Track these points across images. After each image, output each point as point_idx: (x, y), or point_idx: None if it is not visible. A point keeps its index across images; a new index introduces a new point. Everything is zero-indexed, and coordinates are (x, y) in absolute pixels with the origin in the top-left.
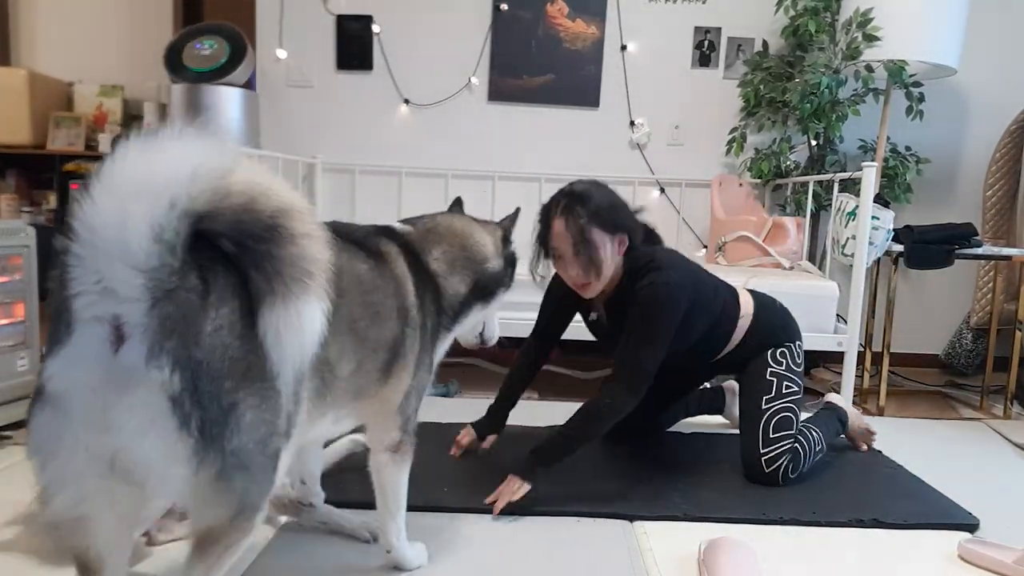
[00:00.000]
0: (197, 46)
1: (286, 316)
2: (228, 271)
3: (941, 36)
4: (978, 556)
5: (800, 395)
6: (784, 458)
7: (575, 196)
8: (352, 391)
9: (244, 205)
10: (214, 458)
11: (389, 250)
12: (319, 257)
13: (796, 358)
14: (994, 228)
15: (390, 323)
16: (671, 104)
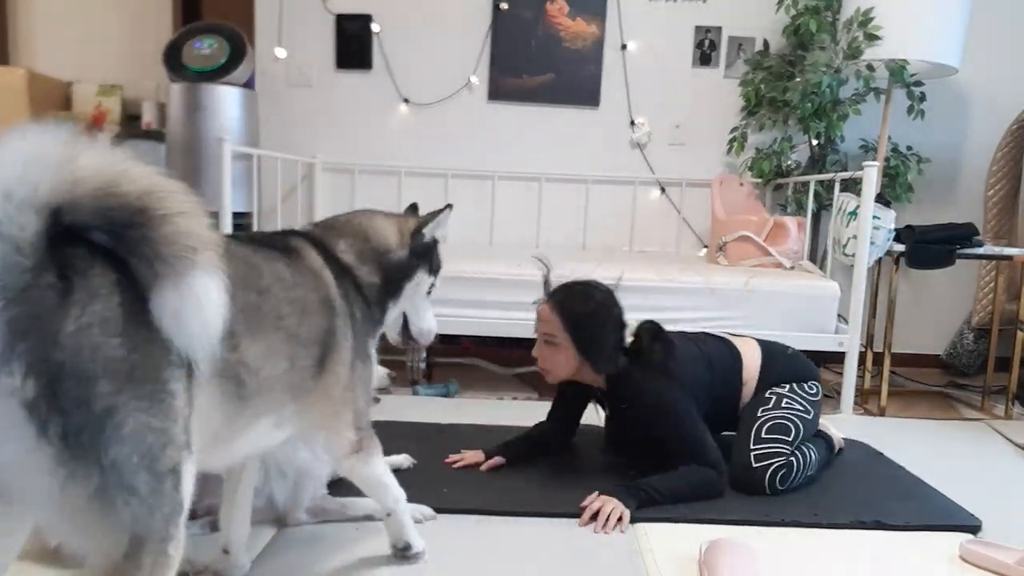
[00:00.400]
0: (196, 45)
1: (178, 295)
2: (106, 267)
3: (942, 35)
4: (980, 557)
5: (807, 417)
6: (775, 460)
7: (569, 294)
8: (288, 390)
9: (101, 191)
10: (88, 472)
11: (299, 245)
12: (201, 232)
13: (805, 388)
14: (995, 228)
15: (317, 316)
16: (672, 103)
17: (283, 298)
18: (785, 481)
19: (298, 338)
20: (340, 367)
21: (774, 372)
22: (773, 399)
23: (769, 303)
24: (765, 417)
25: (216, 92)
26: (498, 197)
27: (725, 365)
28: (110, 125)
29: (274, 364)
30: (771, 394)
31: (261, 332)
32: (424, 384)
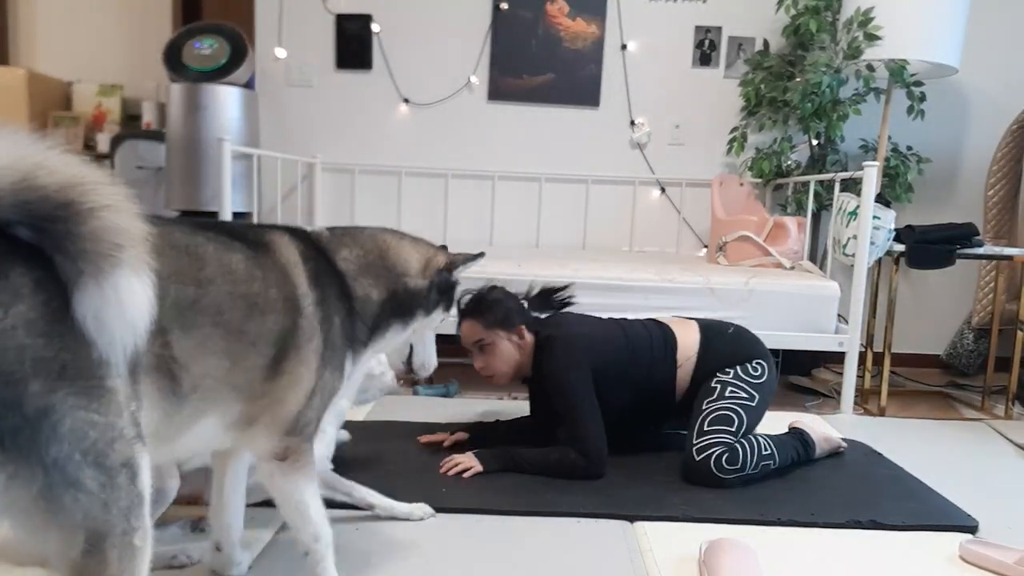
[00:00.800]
0: (196, 45)
1: (101, 295)
2: (27, 266)
3: (942, 35)
4: (979, 557)
5: (751, 403)
6: (716, 449)
7: (475, 301)
8: (232, 390)
9: (19, 184)
10: (30, 472)
11: (276, 240)
12: (128, 227)
13: (748, 372)
14: (995, 228)
15: (274, 314)
16: (671, 103)
17: (227, 292)
18: (733, 462)
19: (244, 335)
20: (300, 368)
21: (714, 354)
22: (717, 388)
23: (769, 303)
24: (708, 410)
25: (216, 92)
26: (498, 197)
27: (654, 349)
28: (110, 125)
29: (211, 361)
30: (716, 383)
31: (195, 327)
32: (424, 384)
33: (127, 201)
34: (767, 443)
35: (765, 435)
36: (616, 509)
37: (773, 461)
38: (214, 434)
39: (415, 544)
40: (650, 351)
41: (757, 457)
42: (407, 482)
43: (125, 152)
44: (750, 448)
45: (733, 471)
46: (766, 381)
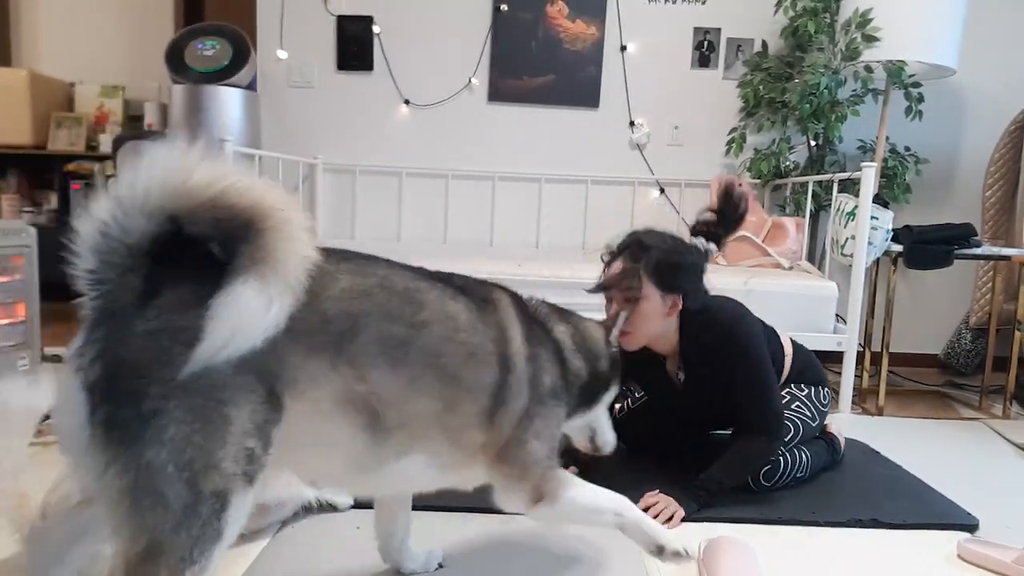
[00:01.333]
0: (199, 46)
1: (225, 300)
2: (201, 284)
3: (940, 36)
4: (978, 556)
5: (810, 423)
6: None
7: (642, 244)
8: (444, 432)
9: (212, 202)
10: (126, 465)
11: (498, 299)
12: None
13: (819, 395)
14: (993, 228)
15: (488, 368)
16: (671, 104)
17: (446, 337)
18: (771, 478)
19: (460, 381)
20: (507, 424)
21: (801, 367)
22: (787, 398)
23: (768, 303)
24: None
25: (218, 93)
26: (498, 198)
27: (772, 334)
28: (112, 126)
29: (421, 401)
30: (786, 393)
31: (404, 366)
32: None
33: (298, 228)
34: (807, 459)
35: (806, 448)
36: None
37: (805, 475)
38: (424, 472)
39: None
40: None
41: (792, 475)
42: None
43: (127, 153)
44: (792, 462)
45: (767, 486)
46: (825, 410)
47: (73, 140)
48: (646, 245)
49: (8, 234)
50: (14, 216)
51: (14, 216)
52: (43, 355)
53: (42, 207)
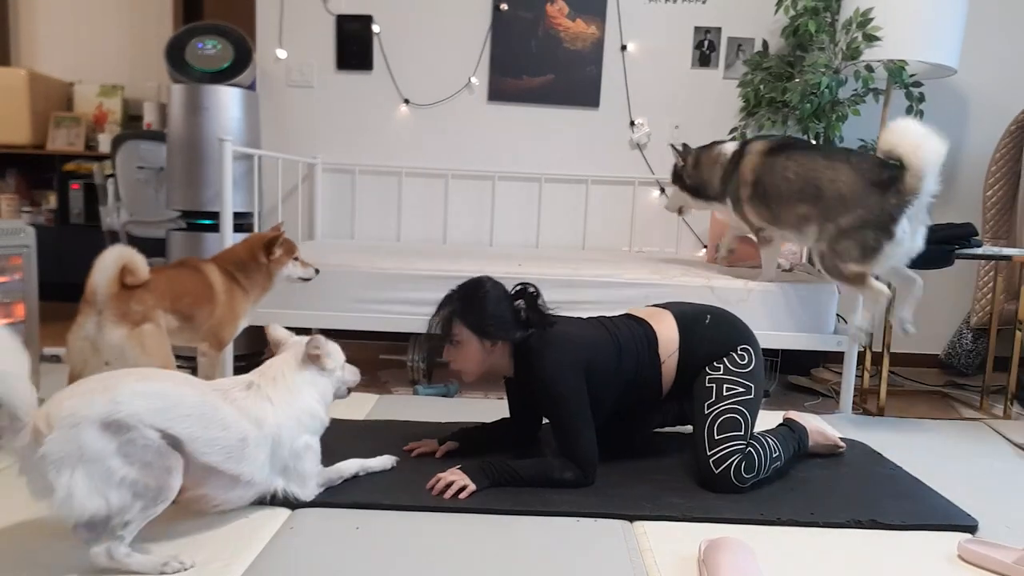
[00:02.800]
0: (200, 45)
1: None
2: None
3: (941, 36)
4: (978, 556)
5: (749, 396)
6: (734, 458)
7: (462, 295)
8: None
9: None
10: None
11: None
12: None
13: (736, 362)
14: (994, 228)
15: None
16: (671, 104)
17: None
18: (750, 470)
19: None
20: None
21: (697, 346)
22: (714, 388)
23: (768, 303)
24: (712, 414)
25: (217, 93)
26: (498, 197)
27: (639, 348)
28: (111, 125)
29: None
30: (710, 381)
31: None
32: (424, 384)
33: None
34: (774, 442)
35: (768, 433)
36: (616, 509)
37: (780, 460)
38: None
39: (415, 544)
40: (636, 353)
41: (768, 460)
42: (406, 482)
43: (126, 153)
44: (762, 450)
45: (751, 478)
46: (755, 367)
47: (72, 140)
48: (462, 298)
49: (7, 234)
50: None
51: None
52: (42, 355)
53: (41, 207)
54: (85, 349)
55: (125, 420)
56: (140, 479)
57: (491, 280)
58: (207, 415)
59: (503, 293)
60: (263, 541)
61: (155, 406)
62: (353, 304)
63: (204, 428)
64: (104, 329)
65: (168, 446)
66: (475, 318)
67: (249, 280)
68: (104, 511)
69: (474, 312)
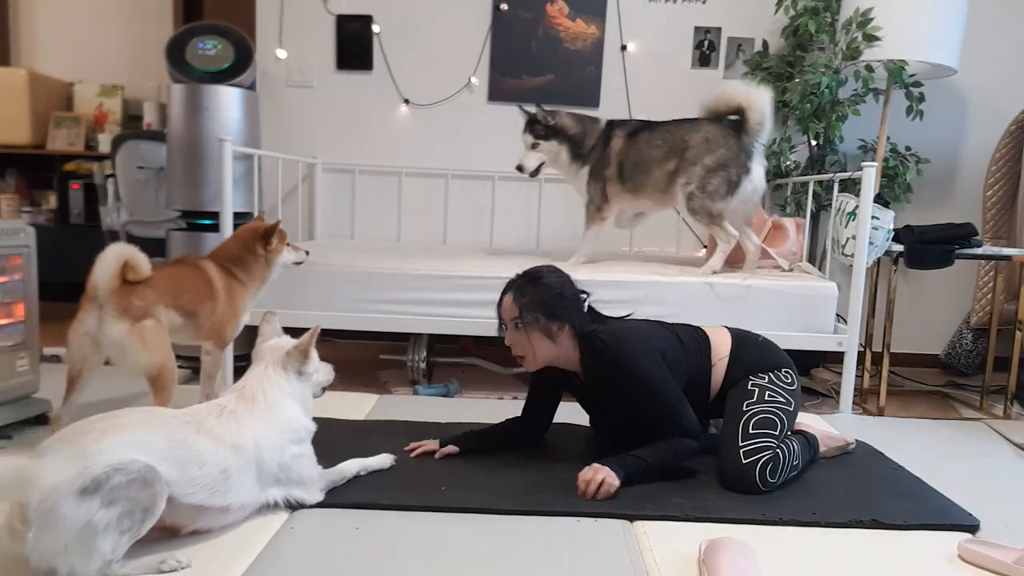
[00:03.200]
0: (200, 45)
1: None
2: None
3: (941, 36)
4: (978, 556)
5: (789, 409)
6: (765, 455)
7: (528, 278)
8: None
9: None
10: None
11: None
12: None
13: (781, 378)
14: (994, 228)
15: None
16: (671, 104)
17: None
18: (775, 473)
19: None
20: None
21: (746, 357)
22: (756, 391)
23: (768, 303)
24: (751, 412)
25: (217, 93)
26: (498, 197)
27: (695, 343)
28: (111, 125)
29: None
30: (753, 386)
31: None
32: (424, 384)
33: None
34: (798, 447)
35: (793, 438)
36: (616, 509)
37: (798, 467)
38: None
39: (415, 544)
40: (698, 352)
41: (790, 464)
42: (407, 481)
43: (126, 152)
44: (789, 453)
45: (773, 482)
46: (796, 389)
47: (72, 140)
48: (532, 277)
49: (7, 234)
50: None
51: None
52: (42, 355)
53: (41, 207)
54: (85, 345)
55: (99, 477)
56: (126, 511)
57: (550, 268)
58: (182, 456)
59: (567, 279)
60: (263, 541)
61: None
62: (353, 304)
63: (181, 470)
64: (105, 324)
65: (151, 467)
66: (542, 298)
67: (247, 274)
68: (101, 558)
69: (540, 292)
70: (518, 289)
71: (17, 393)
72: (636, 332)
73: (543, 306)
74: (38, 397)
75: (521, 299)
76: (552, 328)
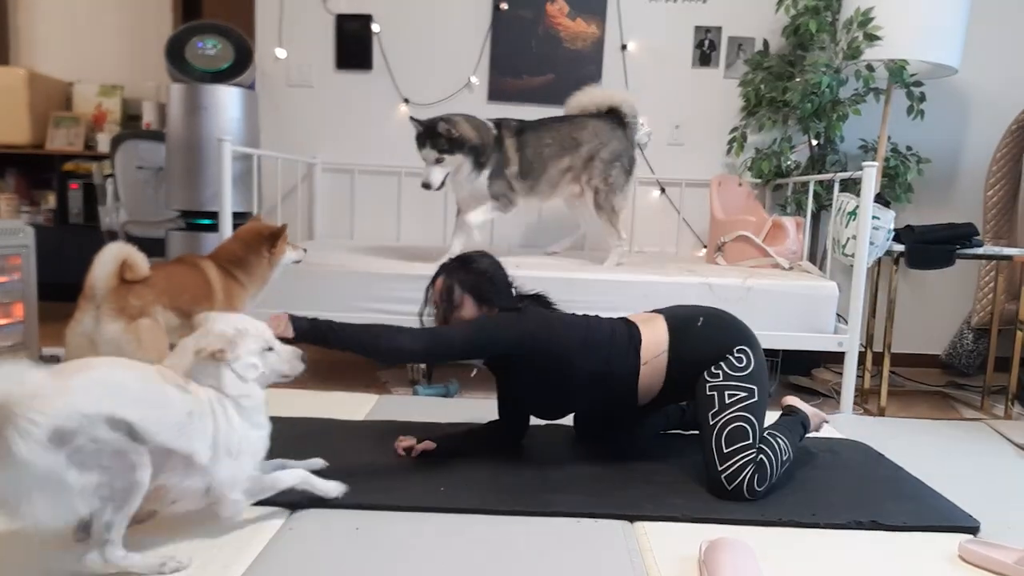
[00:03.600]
0: (200, 44)
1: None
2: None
3: (942, 35)
4: (979, 557)
5: (753, 399)
6: (746, 471)
7: (460, 261)
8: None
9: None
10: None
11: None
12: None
13: (734, 364)
14: (995, 228)
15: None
16: (671, 104)
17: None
18: (763, 482)
19: None
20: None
21: (688, 350)
22: (715, 396)
23: (768, 303)
24: (718, 425)
25: (216, 92)
26: None
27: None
28: (110, 125)
29: None
30: (711, 389)
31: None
32: (424, 384)
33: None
34: (784, 442)
35: (777, 432)
36: (616, 509)
37: (791, 459)
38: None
39: (415, 544)
40: (609, 342)
41: (780, 464)
42: (406, 481)
43: (125, 152)
44: (773, 455)
45: (763, 490)
46: (755, 368)
47: (71, 139)
48: (464, 261)
49: (6, 234)
50: (12, 216)
51: (12, 216)
52: (41, 355)
53: (40, 207)
54: (83, 344)
55: (65, 426)
56: (103, 483)
57: (481, 253)
58: (153, 394)
59: (498, 264)
60: (263, 541)
61: (97, 396)
62: (352, 304)
63: (151, 407)
64: (102, 323)
65: (126, 438)
66: (473, 282)
67: (248, 275)
68: (77, 519)
69: (472, 276)
70: (448, 271)
71: None
72: (543, 315)
73: (475, 289)
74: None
75: (449, 280)
76: (483, 310)
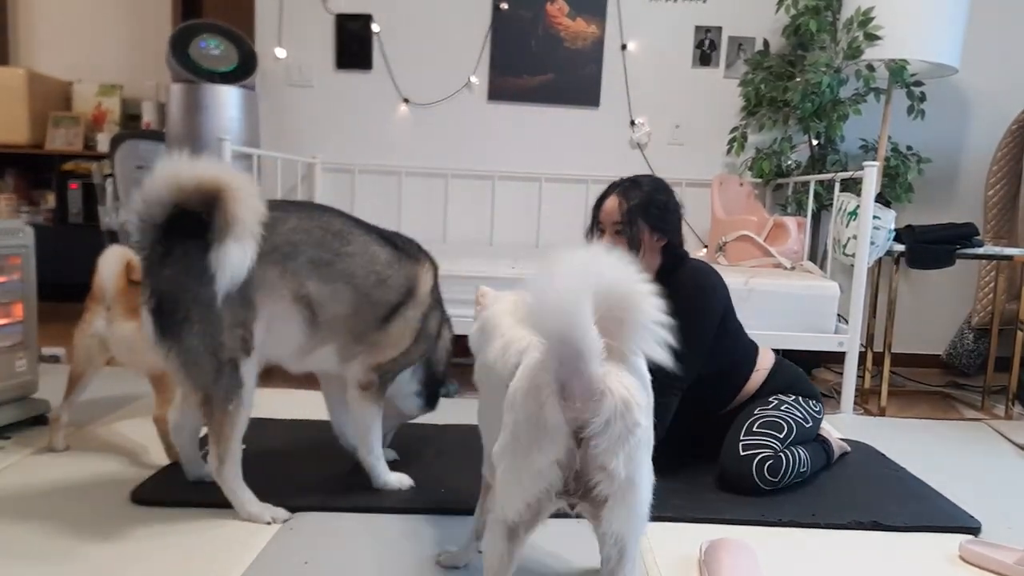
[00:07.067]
0: (202, 44)
1: (217, 253)
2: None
3: (942, 35)
4: (979, 557)
5: (804, 424)
6: (764, 452)
7: (636, 183)
8: (349, 331)
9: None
10: (177, 350)
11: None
12: (243, 215)
13: (808, 403)
14: (995, 228)
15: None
16: (672, 103)
17: (362, 265)
18: (775, 473)
19: (368, 297)
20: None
21: (782, 377)
22: (774, 402)
23: (769, 303)
24: (760, 414)
25: (216, 92)
26: (498, 197)
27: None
28: (110, 125)
29: (338, 307)
30: (773, 398)
31: (328, 280)
32: None
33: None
34: (805, 455)
35: (803, 448)
36: None
37: (806, 473)
38: (331, 358)
39: (415, 545)
40: (747, 350)
41: (795, 472)
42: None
43: (125, 152)
44: (793, 460)
45: (772, 483)
46: (820, 420)
47: (71, 139)
48: (640, 184)
49: (5, 234)
50: (11, 215)
51: (11, 215)
52: (41, 355)
53: (39, 206)
54: (93, 347)
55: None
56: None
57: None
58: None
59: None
60: (263, 542)
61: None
62: None
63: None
64: (115, 324)
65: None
66: (658, 210)
67: None
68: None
69: (658, 204)
70: (624, 192)
71: (16, 393)
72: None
73: (651, 214)
74: (37, 397)
75: (629, 202)
76: (655, 239)
